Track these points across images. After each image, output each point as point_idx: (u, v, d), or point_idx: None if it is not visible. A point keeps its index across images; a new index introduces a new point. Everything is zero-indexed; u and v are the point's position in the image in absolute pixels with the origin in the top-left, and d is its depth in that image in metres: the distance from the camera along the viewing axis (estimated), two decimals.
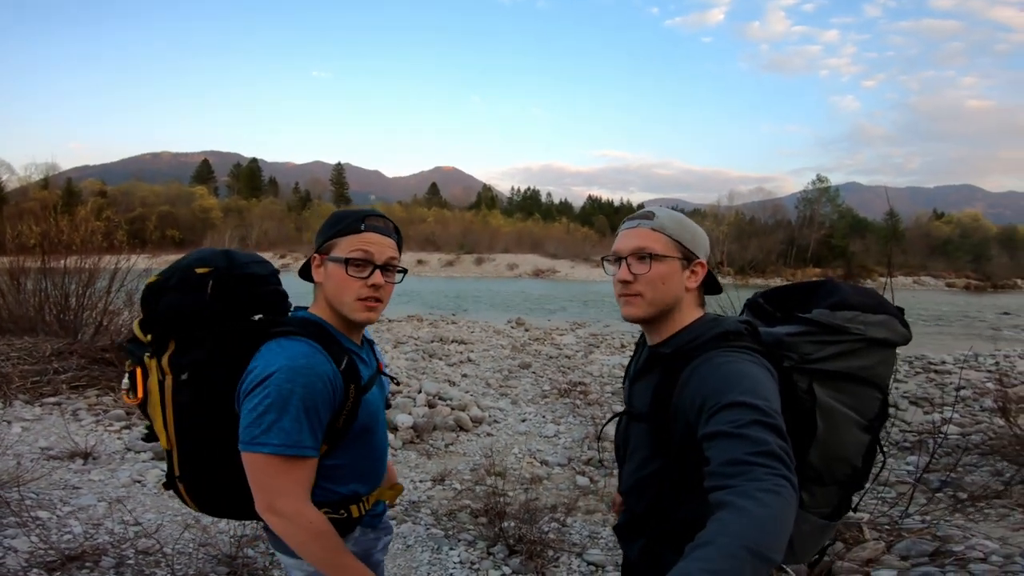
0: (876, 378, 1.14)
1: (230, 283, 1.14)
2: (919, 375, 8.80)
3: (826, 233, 57.70)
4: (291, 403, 1.04)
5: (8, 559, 2.46)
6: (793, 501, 0.81)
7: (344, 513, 1.20)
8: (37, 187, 59.57)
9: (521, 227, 78.08)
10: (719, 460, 0.88)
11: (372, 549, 1.31)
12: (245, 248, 7.46)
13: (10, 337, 6.91)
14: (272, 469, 1.05)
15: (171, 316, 1.11)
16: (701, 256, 1.18)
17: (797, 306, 1.21)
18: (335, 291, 1.17)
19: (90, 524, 2.98)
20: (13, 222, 9.44)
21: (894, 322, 1.14)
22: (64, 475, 3.64)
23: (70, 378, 5.75)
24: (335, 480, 1.19)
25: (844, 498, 1.20)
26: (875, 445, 1.18)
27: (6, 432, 4.30)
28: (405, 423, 4.96)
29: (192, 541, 2.84)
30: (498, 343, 10.46)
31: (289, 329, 1.12)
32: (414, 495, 3.76)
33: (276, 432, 1.03)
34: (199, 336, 1.11)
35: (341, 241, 1.17)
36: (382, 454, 1.32)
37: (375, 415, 1.25)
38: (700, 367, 1.05)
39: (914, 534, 2.75)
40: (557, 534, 3.18)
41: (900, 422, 5.97)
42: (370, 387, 1.23)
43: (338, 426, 1.14)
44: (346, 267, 1.15)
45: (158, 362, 1.11)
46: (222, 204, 79.54)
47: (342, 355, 1.14)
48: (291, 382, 1.04)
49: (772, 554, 0.74)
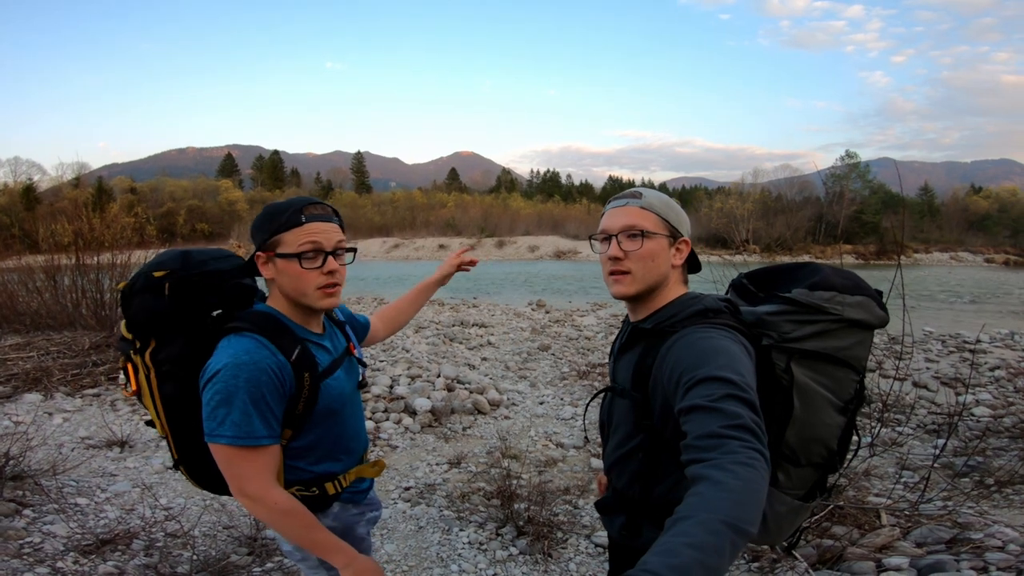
0: (853, 360, 1.14)
1: (186, 284, 1.20)
2: (952, 354, 8.52)
3: (857, 209, 55.83)
4: (237, 397, 1.09)
5: (47, 544, 2.62)
6: (766, 474, 0.83)
7: (316, 490, 1.27)
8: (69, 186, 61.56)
9: (541, 209, 77.68)
10: (695, 434, 0.90)
11: (355, 524, 1.38)
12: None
13: (49, 332, 7.24)
14: (232, 458, 1.11)
15: (141, 318, 1.19)
16: (684, 234, 1.22)
17: (780, 287, 1.22)
18: (293, 285, 1.20)
19: (124, 509, 3.14)
20: (47, 222, 9.79)
21: (871, 304, 1.14)
22: (102, 463, 3.84)
23: (108, 370, 6.00)
24: (305, 459, 1.26)
25: (819, 480, 1.21)
26: (851, 428, 1.19)
27: (47, 423, 4.54)
28: (423, 407, 5.04)
29: (216, 523, 2.98)
30: (518, 326, 10.47)
31: (238, 325, 1.17)
32: (430, 478, 3.84)
33: (228, 425, 1.09)
34: (172, 333, 1.19)
35: (286, 236, 1.18)
36: (355, 433, 1.37)
37: (340, 398, 1.29)
38: (677, 343, 1.08)
39: (933, 520, 2.70)
40: (568, 516, 3.22)
41: (929, 403, 5.81)
42: (332, 371, 1.27)
43: (298, 411, 1.19)
44: (299, 261, 1.18)
45: (142, 358, 1.20)
46: (247, 196, 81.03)
47: (294, 346, 1.18)
48: (235, 377, 1.10)
49: (749, 526, 0.75)
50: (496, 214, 71.66)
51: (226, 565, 2.51)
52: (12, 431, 3.89)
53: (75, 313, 7.93)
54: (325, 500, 1.30)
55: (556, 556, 2.84)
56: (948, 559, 2.23)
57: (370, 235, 66.47)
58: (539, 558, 2.81)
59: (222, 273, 1.25)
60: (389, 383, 5.71)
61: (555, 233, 60.65)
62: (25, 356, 6.16)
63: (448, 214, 71.49)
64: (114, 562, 2.53)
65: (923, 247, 51.70)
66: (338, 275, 1.23)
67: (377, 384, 5.60)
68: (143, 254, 8.99)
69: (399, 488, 3.67)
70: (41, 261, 8.91)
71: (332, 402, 1.26)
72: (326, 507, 1.31)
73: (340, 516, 1.34)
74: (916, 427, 5.15)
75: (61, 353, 6.35)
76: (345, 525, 1.35)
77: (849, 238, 52.75)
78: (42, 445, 3.89)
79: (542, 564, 2.77)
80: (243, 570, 2.57)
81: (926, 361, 7.92)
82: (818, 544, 2.55)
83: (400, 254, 58.50)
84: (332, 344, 1.34)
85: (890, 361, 6.85)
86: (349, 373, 1.36)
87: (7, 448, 3.23)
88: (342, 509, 1.35)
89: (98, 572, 2.44)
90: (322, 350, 1.28)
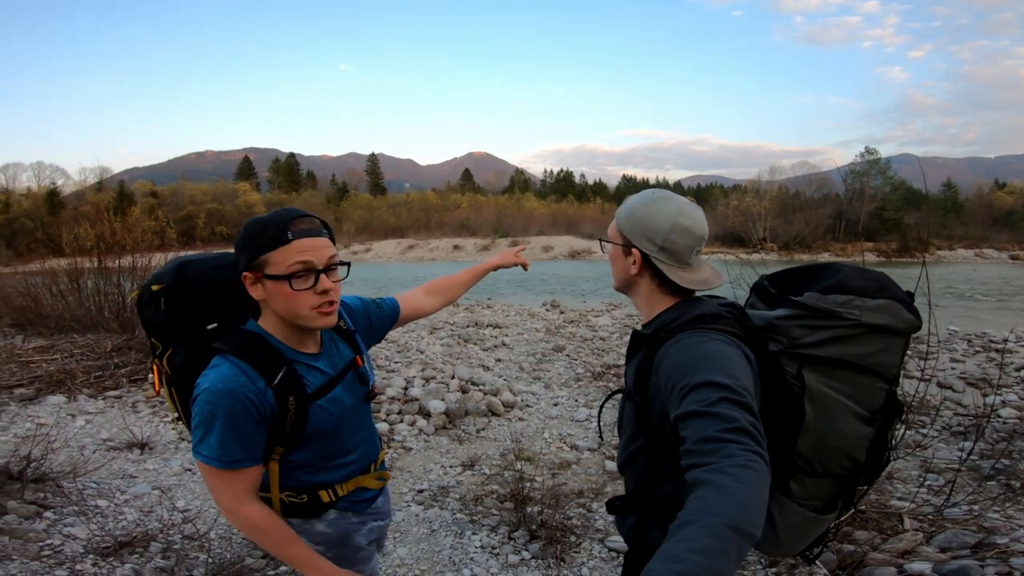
0: (878, 367, 1.08)
1: (181, 297, 1.20)
2: (978, 354, 8.30)
3: (878, 206, 54.69)
4: (214, 424, 1.10)
5: (66, 546, 2.66)
6: (766, 475, 0.83)
7: (306, 497, 1.27)
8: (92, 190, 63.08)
9: (555, 209, 77.53)
10: (693, 439, 0.90)
11: (352, 532, 1.35)
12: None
13: (73, 335, 7.40)
14: (210, 475, 1.14)
15: (149, 327, 1.23)
16: (637, 245, 1.21)
17: (800, 289, 1.17)
18: (285, 307, 1.16)
19: (142, 511, 3.19)
20: (70, 226, 10.01)
21: (897, 307, 1.08)
22: (123, 464, 3.90)
23: (129, 372, 6.11)
24: (300, 471, 1.26)
25: (842, 492, 1.16)
26: (882, 439, 1.13)
27: (70, 425, 4.63)
28: (437, 409, 5.04)
29: (232, 526, 3.00)
30: (532, 326, 10.44)
31: (220, 347, 1.16)
32: (443, 481, 3.84)
33: (206, 446, 1.11)
34: (177, 343, 1.22)
35: (272, 256, 1.12)
36: (355, 448, 1.34)
37: (333, 419, 1.25)
38: (671, 348, 1.08)
39: (958, 525, 2.63)
40: (582, 519, 3.20)
41: (955, 405, 5.66)
42: (326, 392, 1.23)
43: (285, 433, 1.18)
44: (290, 283, 1.12)
45: (161, 361, 1.23)
46: (265, 199, 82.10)
47: (276, 370, 1.15)
48: (211, 404, 1.10)
49: (752, 529, 0.75)
50: (510, 214, 71.67)
51: (240, 569, 2.53)
52: (35, 433, 3.97)
53: (98, 316, 8.10)
54: (318, 507, 1.29)
55: (569, 561, 2.81)
56: (973, 564, 2.16)
57: (385, 236, 66.88)
58: (551, 562, 2.79)
59: (222, 282, 1.23)
60: (404, 384, 5.73)
61: (569, 233, 60.49)
62: (49, 358, 6.30)
63: (462, 215, 71.64)
64: (132, 565, 2.56)
65: (947, 244, 50.46)
66: (333, 293, 1.18)
67: (392, 386, 5.62)
68: (163, 257, 9.15)
69: (412, 491, 3.67)
70: (64, 264, 9.11)
71: (323, 424, 1.23)
72: (319, 513, 1.30)
73: (336, 523, 1.32)
74: (941, 429, 5.02)
75: (84, 355, 6.47)
76: (341, 533, 1.33)
77: (870, 235, 51.69)
78: (64, 447, 3.96)
79: (554, 569, 2.75)
80: (257, 573, 2.58)
81: (951, 361, 7.73)
82: (838, 549, 2.50)
83: (415, 255, 58.81)
84: (329, 362, 1.28)
85: (914, 361, 6.70)
86: (352, 388, 1.32)
87: (29, 451, 3.30)
88: (339, 516, 1.33)
89: (116, 575, 2.47)
90: (313, 371, 1.24)
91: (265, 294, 1.16)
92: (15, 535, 2.69)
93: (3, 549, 2.57)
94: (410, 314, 1.61)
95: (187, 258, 1.28)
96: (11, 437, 4.21)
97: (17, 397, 5.20)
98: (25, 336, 7.90)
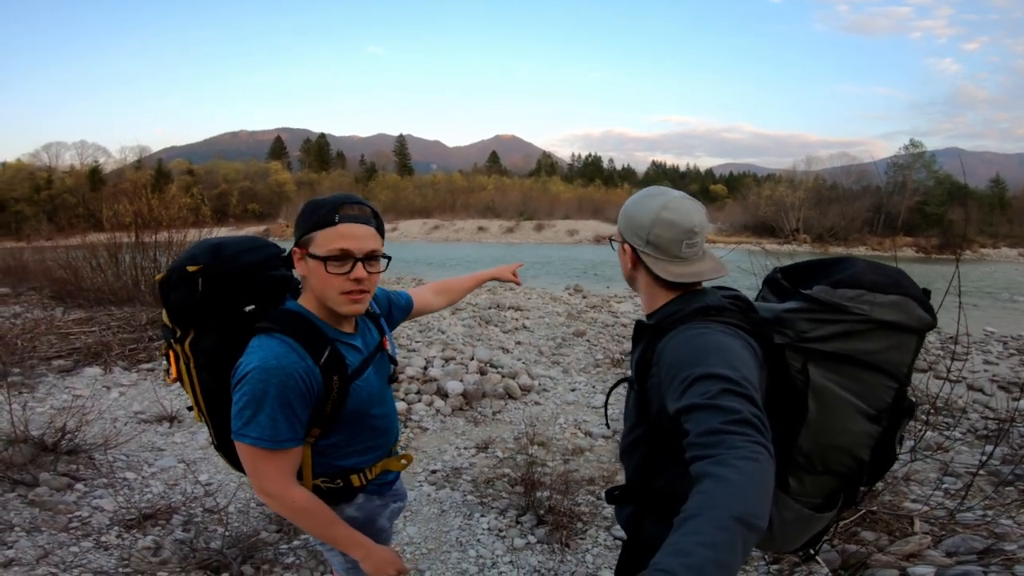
0: (885, 364, 1.06)
1: (219, 279, 1.19)
2: (1013, 356, 8.00)
3: (920, 200, 52.41)
4: (265, 402, 1.10)
5: (94, 518, 2.80)
6: (770, 467, 0.82)
7: (340, 483, 1.30)
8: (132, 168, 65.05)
9: (582, 193, 76.81)
10: (696, 431, 0.89)
11: (377, 515, 1.41)
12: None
13: (110, 308, 7.70)
14: (255, 458, 1.14)
15: (177, 310, 1.21)
16: (629, 241, 1.25)
17: (812, 282, 1.15)
18: (319, 287, 1.19)
19: (168, 484, 3.34)
20: (110, 202, 10.37)
21: (910, 304, 1.05)
22: (152, 437, 4.07)
23: (162, 345, 6.33)
24: (334, 456, 1.29)
25: (842, 490, 1.15)
26: (890, 440, 1.11)
27: (105, 397, 4.86)
28: (455, 390, 5.10)
29: (250, 500, 3.13)
30: (554, 310, 10.41)
31: (268, 326, 1.17)
32: (457, 462, 3.91)
33: (254, 426, 1.11)
34: (207, 325, 1.20)
35: (317, 236, 1.16)
36: (386, 430, 1.38)
37: (369, 399, 1.28)
38: (672, 340, 1.07)
39: (969, 529, 2.58)
40: (590, 507, 3.24)
41: (983, 407, 5.49)
42: (362, 371, 1.27)
43: (326, 412, 1.20)
44: (325, 265, 1.16)
45: (182, 347, 1.22)
46: (295, 178, 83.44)
47: (323, 348, 1.18)
48: (264, 382, 1.10)
49: (758, 521, 0.75)
50: (535, 197, 71.30)
51: (255, 542, 2.64)
52: (71, 404, 4.15)
53: (134, 289, 8.41)
54: (350, 491, 1.33)
55: (573, 547, 2.87)
56: (977, 570, 2.13)
57: (411, 216, 67.38)
58: (556, 548, 2.84)
59: (255, 265, 1.24)
60: (423, 364, 5.81)
61: (595, 218, 59.86)
62: (87, 330, 6.58)
63: (488, 197, 71.55)
64: (153, 536, 2.69)
65: (991, 242, 48.19)
66: (366, 283, 1.19)
67: (412, 365, 5.70)
68: (198, 233, 9.42)
69: (426, 471, 3.76)
70: (104, 239, 9.47)
71: (361, 403, 1.26)
72: (350, 498, 1.34)
73: (364, 507, 1.37)
74: (966, 432, 4.89)
75: (120, 328, 6.74)
76: (367, 515, 1.38)
77: (910, 230, 49.67)
78: (98, 419, 4.11)
79: (558, 554, 2.80)
80: (271, 547, 2.69)
81: (984, 363, 7.48)
82: (843, 549, 2.48)
83: (440, 235, 59.10)
84: (364, 342, 1.32)
85: (944, 362, 6.49)
86: (379, 369, 1.35)
87: (64, 422, 3.46)
88: (366, 500, 1.37)
89: (137, 546, 2.59)
90: (353, 350, 1.27)
91: (307, 271, 1.20)
92: (45, 507, 2.83)
93: (33, 521, 2.71)
94: (421, 309, 1.70)
95: (219, 240, 1.28)
96: (47, 408, 4.44)
97: (56, 368, 5.45)
98: (65, 308, 8.23)
